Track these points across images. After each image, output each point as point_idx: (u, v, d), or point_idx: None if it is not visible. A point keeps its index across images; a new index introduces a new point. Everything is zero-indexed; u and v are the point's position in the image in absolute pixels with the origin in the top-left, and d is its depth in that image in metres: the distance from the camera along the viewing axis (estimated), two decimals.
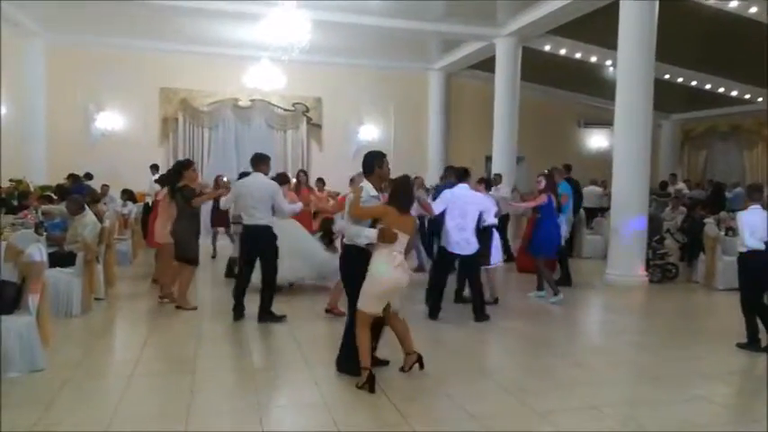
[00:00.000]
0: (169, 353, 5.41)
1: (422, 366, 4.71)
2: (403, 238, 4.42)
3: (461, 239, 6.60)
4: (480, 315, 6.61)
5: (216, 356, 5.28)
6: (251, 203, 6.32)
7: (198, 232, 7.20)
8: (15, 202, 8.89)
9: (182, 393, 4.26)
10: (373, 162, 4.66)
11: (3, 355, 4.14)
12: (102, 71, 14.63)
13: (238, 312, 6.45)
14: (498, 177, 11.91)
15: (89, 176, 12.04)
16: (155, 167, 12.64)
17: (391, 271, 4.33)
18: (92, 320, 6.40)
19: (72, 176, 11.42)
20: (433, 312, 6.63)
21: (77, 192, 8.50)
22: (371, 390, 4.25)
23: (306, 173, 10.82)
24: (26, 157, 13.42)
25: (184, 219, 6.90)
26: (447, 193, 6.90)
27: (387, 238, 4.35)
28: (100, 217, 7.51)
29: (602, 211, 12.90)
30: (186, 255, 6.87)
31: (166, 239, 7.20)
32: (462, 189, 6.81)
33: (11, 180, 9.82)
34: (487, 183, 7.82)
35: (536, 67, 14.57)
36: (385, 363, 4.79)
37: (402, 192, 4.57)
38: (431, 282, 6.92)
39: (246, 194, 6.36)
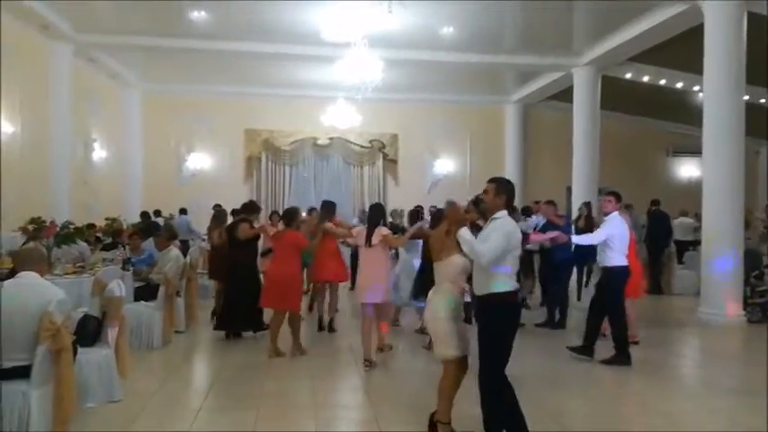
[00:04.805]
0: (237, 387, 5.47)
1: None
2: None
3: None
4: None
5: (282, 392, 5.32)
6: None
7: None
8: (110, 239, 9.52)
9: (245, 428, 4.33)
10: None
11: (81, 385, 4.36)
12: (193, 116, 15.66)
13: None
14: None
15: (158, 213, 13.03)
16: (183, 211, 13.57)
17: None
18: (171, 353, 6.67)
19: (182, 210, 13.41)
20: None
21: (154, 228, 8.99)
22: None
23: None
24: (124, 198, 14.55)
25: None
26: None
27: None
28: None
29: (695, 244, 12.08)
30: None
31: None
32: None
33: (107, 219, 10.55)
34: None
35: (618, 96, 14.11)
36: None
37: None
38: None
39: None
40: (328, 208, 7.78)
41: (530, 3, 9.85)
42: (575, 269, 8.94)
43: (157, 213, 13.04)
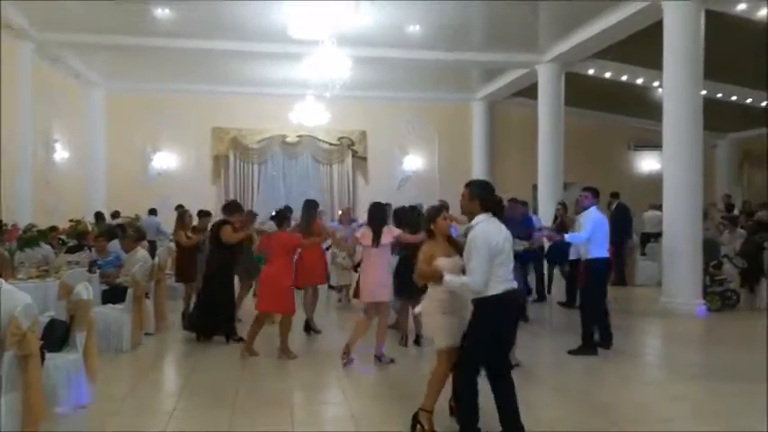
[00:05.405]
0: (211, 388, 5.44)
1: None
2: None
3: None
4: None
5: (256, 392, 5.31)
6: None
7: None
8: (74, 242, 9.33)
9: (220, 429, 4.31)
10: None
11: (49, 390, 4.29)
12: (158, 114, 15.42)
13: None
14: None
15: (116, 215, 12.68)
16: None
17: None
18: (140, 356, 6.59)
19: (152, 210, 13.16)
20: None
21: (120, 230, 8.79)
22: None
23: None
24: (88, 199, 14.23)
25: None
26: None
27: None
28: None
29: (657, 236, 12.43)
30: None
31: None
32: None
33: (71, 220, 10.32)
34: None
35: (582, 92, 14.36)
36: None
37: None
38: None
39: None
40: (314, 208, 7.63)
41: (494, 1, 9.98)
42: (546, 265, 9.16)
43: (116, 215, 12.73)
